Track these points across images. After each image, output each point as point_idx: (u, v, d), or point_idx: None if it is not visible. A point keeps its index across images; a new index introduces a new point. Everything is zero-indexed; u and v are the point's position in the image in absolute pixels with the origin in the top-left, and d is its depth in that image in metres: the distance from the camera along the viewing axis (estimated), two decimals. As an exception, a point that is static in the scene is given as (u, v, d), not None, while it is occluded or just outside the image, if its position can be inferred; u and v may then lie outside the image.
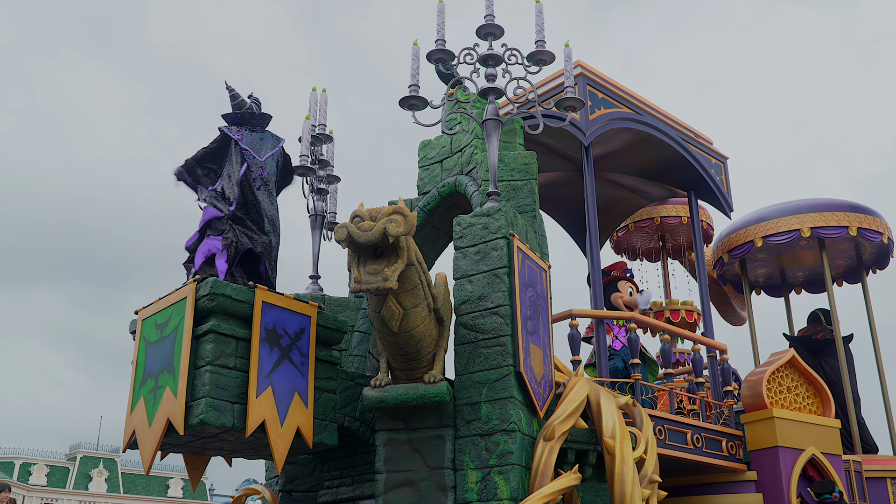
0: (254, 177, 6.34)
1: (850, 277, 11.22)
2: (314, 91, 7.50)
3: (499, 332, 5.82)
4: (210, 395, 5.13)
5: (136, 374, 5.70)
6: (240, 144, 6.38)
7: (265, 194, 6.37)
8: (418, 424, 5.87)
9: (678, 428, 7.41)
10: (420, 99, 6.45)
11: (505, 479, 5.44)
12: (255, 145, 6.45)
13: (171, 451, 5.87)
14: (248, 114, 6.55)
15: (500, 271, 5.94)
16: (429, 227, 7.84)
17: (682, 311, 11.55)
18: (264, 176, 6.41)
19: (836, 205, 10.09)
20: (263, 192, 6.37)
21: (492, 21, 6.60)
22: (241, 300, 5.44)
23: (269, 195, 6.43)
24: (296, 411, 5.55)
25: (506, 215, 6.08)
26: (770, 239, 10.03)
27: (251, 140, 6.45)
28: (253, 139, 6.46)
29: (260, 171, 6.39)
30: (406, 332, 5.51)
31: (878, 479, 8.94)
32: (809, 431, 7.97)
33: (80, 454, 51.65)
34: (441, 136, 7.90)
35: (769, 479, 7.62)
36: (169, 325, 5.50)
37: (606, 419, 5.94)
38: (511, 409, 5.60)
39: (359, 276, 5.09)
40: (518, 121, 7.48)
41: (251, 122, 6.55)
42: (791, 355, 8.33)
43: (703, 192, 9.60)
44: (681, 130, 9.27)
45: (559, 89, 8.10)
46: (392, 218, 5.02)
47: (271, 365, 5.48)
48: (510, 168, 7.08)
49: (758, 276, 11.55)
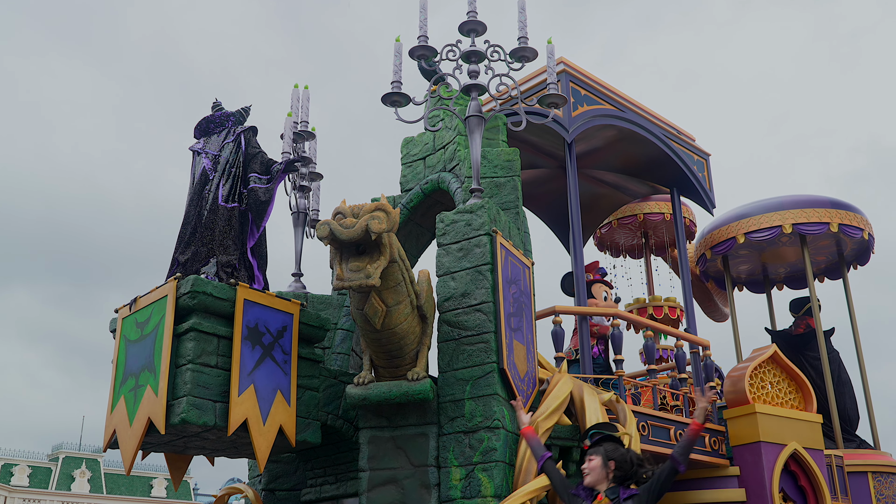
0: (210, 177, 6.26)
1: (831, 273, 11.29)
2: (296, 88, 7.45)
3: (482, 328, 5.81)
4: (191, 394, 5.10)
5: (116, 373, 5.64)
6: (199, 152, 6.36)
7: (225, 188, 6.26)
8: (402, 422, 5.86)
9: (661, 424, 7.43)
10: (403, 95, 6.43)
11: (489, 476, 5.43)
12: (215, 145, 6.40)
13: (152, 451, 5.82)
14: (204, 120, 6.52)
15: (483, 268, 5.93)
16: (412, 224, 7.82)
17: (665, 307, 11.58)
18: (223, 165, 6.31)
19: (817, 201, 10.15)
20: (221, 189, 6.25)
21: (474, 17, 6.59)
22: (222, 298, 5.40)
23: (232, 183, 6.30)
24: (278, 409, 5.51)
25: (489, 212, 6.07)
26: (752, 235, 10.09)
27: (210, 144, 6.41)
28: (213, 141, 6.43)
29: (211, 163, 6.30)
30: (389, 329, 5.49)
31: (859, 474, 9.01)
32: (791, 426, 8.01)
33: (63, 454, 51.24)
34: (424, 133, 7.88)
35: (752, 473, 7.65)
36: (149, 324, 5.45)
37: (590, 415, 5.95)
38: (495, 405, 5.60)
39: (341, 274, 5.07)
40: (501, 117, 7.47)
41: (209, 127, 6.51)
42: (773, 351, 8.37)
43: (685, 188, 9.62)
44: (663, 127, 9.29)
45: (542, 86, 8.10)
46: (374, 215, 5.00)
47: (253, 363, 5.44)
48: (493, 165, 7.07)
49: (740, 273, 11.60)
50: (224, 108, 6.63)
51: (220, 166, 6.23)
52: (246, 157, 6.36)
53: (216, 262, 5.90)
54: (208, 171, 6.23)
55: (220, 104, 6.66)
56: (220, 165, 6.24)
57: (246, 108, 6.64)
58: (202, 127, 6.55)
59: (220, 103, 6.67)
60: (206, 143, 6.44)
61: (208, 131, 6.51)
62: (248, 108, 6.65)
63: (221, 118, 6.53)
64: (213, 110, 6.60)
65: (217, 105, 6.65)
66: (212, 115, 6.56)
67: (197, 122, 6.57)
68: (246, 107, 6.64)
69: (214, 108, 6.62)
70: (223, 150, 6.33)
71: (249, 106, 6.65)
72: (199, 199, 6.17)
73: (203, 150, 6.37)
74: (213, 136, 6.47)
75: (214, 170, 6.23)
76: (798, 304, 10.97)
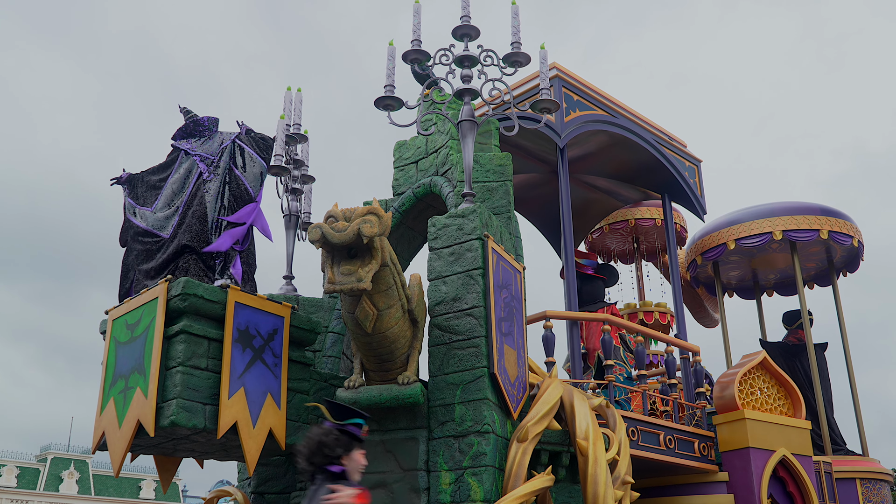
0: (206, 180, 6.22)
1: (821, 280, 11.35)
2: (289, 90, 7.46)
3: (473, 333, 5.81)
4: (181, 396, 5.09)
5: (106, 374, 5.63)
6: (190, 153, 6.32)
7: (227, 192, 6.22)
8: (392, 426, 5.86)
9: (651, 429, 7.44)
10: (395, 99, 6.44)
11: (478, 480, 5.44)
12: (207, 149, 6.38)
13: (141, 453, 5.81)
14: (192, 122, 6.49)
15: (474, 272, 5.94)
16: (403, 228, 7.83)
17: (656, 312, 11.62)
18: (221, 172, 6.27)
19: (807, 208, 10.21)
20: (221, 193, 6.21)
21: (468, 22, 6.60)
22: (213, 300, 5.39)
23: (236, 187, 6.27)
24: (268, 412, 5.51)
25: (480, 216, 6.08)
26: (742, 242, 10.13)
27: (203, 147, 6.38)
28: (204, 145, 6.40)
29: (213, 169, 6.27)
30: (380, 333, 5.49)
31: (847, 480, 9.05)
32: (780, 432, 8.04)
33: (51, 455, 50.99)
34: (416, 137, 7.89)
35: (740, 479, 7.67)
36: (140, 326, 5.44)
37: (580, 420, 5.96)
38: (485, 410, 5.60)
39: (332, 277, 5.07)
40: (493, 122, 7.48)
41: (198, 131, 6.48)
42: (762, 357, 8.40)
43: (676, 194, 9.66)
44: (655, 133, 9.33)
45: (535, 91, 8.11)
46: (366, 218, 5.01)
47: (244, 366, 5.43)
48: (485, 169, 7.08)
49: (730, 279, 11.64)
50: (195, 114, 6.58)
51: (220, 174, 6.20)
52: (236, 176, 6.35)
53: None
54: (204, 175, 6.20)
55: (190, 110, 6.61)
56: (219, 170, 6.21)
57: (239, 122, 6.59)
58: (188, 128, 6.51)
59: (190, 110, 6.62)
60: (196, 145, 6.40)
61: (194, 134, 6.48)
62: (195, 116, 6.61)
63: (209, 123, 6.50)
64: (186, 118, 6.55)
65: (188, 112, 6.58)
66: (199, 118, 6.52)
67: (184, 124, 6.53)
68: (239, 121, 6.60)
69: (187, 117, 6.56)
70: (222, 156, 6.29)
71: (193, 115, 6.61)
72: (192, 199, 6.14)
73: (195, 151, 6.34)
74: (200, 140, 6.43)
75: (210, 173, 6.20)
76: (791, 317, 11.01)
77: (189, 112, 6.56)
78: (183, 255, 5.89)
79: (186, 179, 6.23)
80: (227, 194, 6.13)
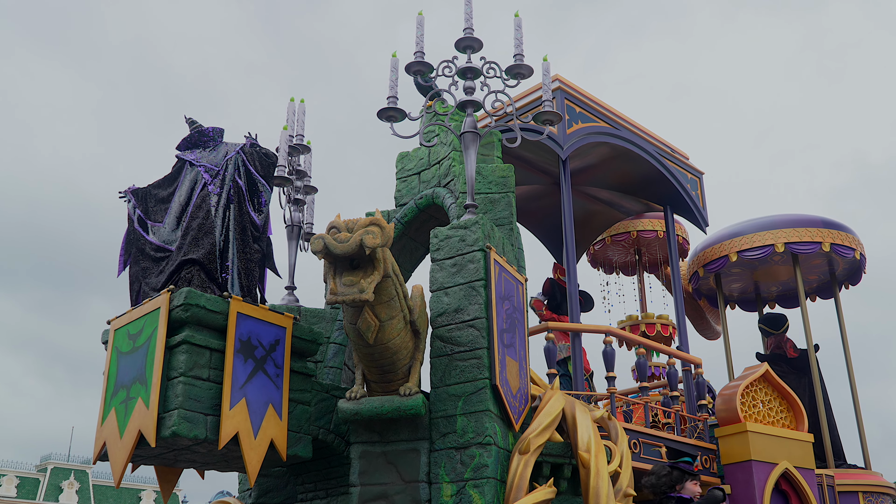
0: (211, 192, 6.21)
1: (823, 293, 11.32)
2: (292, 101, 7.50)
3: (475, 344, 5.81)
4: (183, 407, 5.08)
5: (107, 384, 5.62)
6: (194, 164, 6.32)
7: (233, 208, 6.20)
8: (393, 437, 5.85)
9: (653, 441, 7.43)
10: (398, 111, 6.46)
11: (480, 492, 5.42)
12: (212, 159, 6.36)
13: (142, 463, 5.79)
14: (197, 133, 6.50)
15: (476, 284, 5.94)
16: (406, 239, 7.83)
17: (658, 324, 11.62)
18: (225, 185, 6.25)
19: (809, 220, 10.21)
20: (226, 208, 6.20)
21: (470, 34, 6.62)
22: (215, 311, 5.39)
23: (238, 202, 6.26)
24: (270, 423, 5.50)
25: (483, 228, 6.09)
26: (745, 254, 10.13)
27: (208, 157, 6.38)
28: (209, 156, 6.39)
29: (218, 180, 6.25)
30: (382, 344, 5.49)
31: (850, 493, 9.01)
32: (783, 445, 8.02)
33: (51, 465, 50.89)
34: (419, 148, 7.91)
35: (742, 492, 7.65)
36: (142, 336, 5.44)
37: (582, 432, 5.95)
38: (487, 422, 5.59)
39: (335, 288, 5.07)
40: (496, 134, 7.50)
41: (202, 142, 6.48)
42: (765, 370, 8.38)
43: (678, 206, 9.66)
44: (657, 145, 9.34)
45: (537, 103, 8.12)
46: (369, 229, 5.01)
47: (245, 376, 5.43)
48: (488, 181, 7.10)
49: (732, 291, 11.63)
50: (200, 124, 6.58)
51: (226, 188, 6.18)
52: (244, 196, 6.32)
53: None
54: (209, 187, 6.19)
55: (195, 120, 6.61)
56: (224, 183, 6.18)
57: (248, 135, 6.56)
58: (193, 139, 6.51)
59: (195, 120, 6.62)
60: (200, 156, 6.41)
61: (199, 144, 6.48)
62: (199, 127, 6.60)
63: (214, 133, 6.51)
64: (192, 128, 6.55)
65: (193, 122, 6.58)
66: (204, 129, 6.53)
67: (189, 134, 6.53)
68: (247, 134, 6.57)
69: (192, 127, 6.56)
70: (227, 168, 6.25)
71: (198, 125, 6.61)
72: (197, 210, 6.14)
73: (199, 162, 6.34)
74: (206, 151, 6.43)
75: (214, 185, 6.20)
76: (775, 321, 10.82)
77: (194, 122, 6.57)
78: (186, 267, 5.89)
79: (191, 191, 6.24)
80: (231, 216, 6.11)
